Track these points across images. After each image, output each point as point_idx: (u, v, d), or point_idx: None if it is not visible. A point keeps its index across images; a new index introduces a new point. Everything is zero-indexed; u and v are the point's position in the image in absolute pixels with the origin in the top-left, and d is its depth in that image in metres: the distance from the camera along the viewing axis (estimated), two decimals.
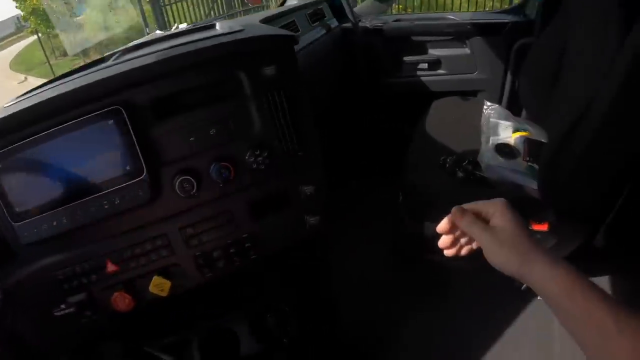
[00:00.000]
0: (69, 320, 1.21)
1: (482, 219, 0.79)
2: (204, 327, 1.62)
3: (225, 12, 9.53)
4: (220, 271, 1.33)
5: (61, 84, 1.23)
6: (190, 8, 9.23)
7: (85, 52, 15.96)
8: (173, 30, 1.73)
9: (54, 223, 1.13)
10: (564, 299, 0.66)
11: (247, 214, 1.31)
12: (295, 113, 1.23)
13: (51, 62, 17.53)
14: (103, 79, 1.11)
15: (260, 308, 1.64)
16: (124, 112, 1.10)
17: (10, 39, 48.69)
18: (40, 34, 17.20)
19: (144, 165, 1.15)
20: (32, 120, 1.08)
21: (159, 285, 1.27)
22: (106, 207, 1.15)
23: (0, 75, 20.74)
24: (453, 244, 0.86)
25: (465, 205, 0.82)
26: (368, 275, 2.04)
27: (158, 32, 1.87)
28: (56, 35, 18.41)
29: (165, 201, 1.23)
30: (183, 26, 1.82)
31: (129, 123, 1.11)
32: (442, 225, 0.84)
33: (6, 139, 1.08)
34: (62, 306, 1.22)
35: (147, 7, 10.27)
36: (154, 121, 1.17)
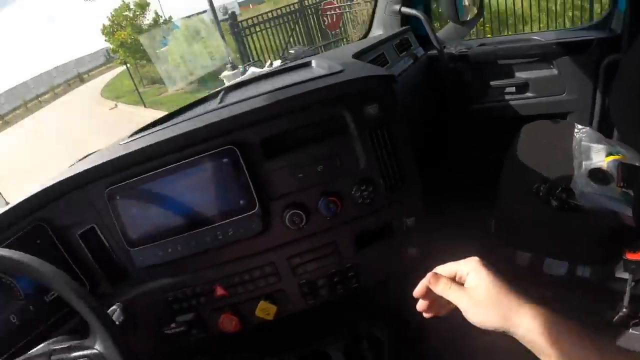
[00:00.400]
0: (178, 337, 1.29)
1: (458, 280, 0.79)
2: (300, 349, 1.65)
3: (304, 39, 9.70)
4: (323, 298, 1.36)
5: (177, 122, 1.34)
6: (270, 37, 9.43)
7: (171, 80, 16.97)
8: (267, 67, 1.83)
9: (169, 250, 1.20)
10: (552, 350, 0.66)
11: (351, 245, 1.33)
12: (397, 148, 1.25)
13: (139, 90, 18.82)
14: (218, 121, 1.19)
15: (356, 333, 1.65)
16: (237, 151, 1.17)
17: (100, 69, 52.66)
18: (128, 65, 18.38)
19: (256, 199, 1.20)
20: (153, 157, 1.19)
21: (265, 310, 1.32)
22: (220, 237, 1.21)
23: (92, 102, 22.53)
24: (431, 305, 0.84)
25: (439, 269, 0.82)
26: None
27: (254, 69, 1.99)
28: (144, 66, 19.72)
29: (275, 233, 1.27)
30: (277, 63, 1.83)
31: (242, 161, 1.18)
32: (418, 290, 0.83)
33: (127, 172, 1.19)
34: (173, 325, 1.29)
35: (228, 37, 10.75)
36: (264, 159, 1.22)
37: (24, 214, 1.22)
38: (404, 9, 2.45)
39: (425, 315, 0.86)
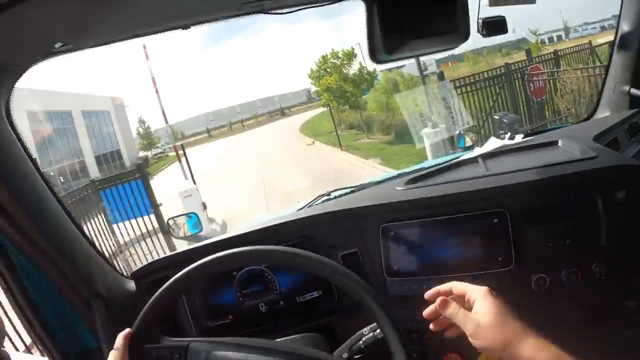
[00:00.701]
0: None
1: (467, 302, 0.87)
2: None
3: (508, 105, 9.06)
4: None
5: (443, 182, 1.52)
6: (473, 99, 8.93)
7: (369, 128, 17.24)
8: (508, 140, 1.86)
9: (423, 287, 1.18)
10: None
11: (579, 316, 1.40)
12: (638, 232, 1.32)
13: (338, 133, 19.70)
14: (493, 188, 1.39)
15: None
16: (507, 214, 1.34)
17: (300, 107, 57.18)
18: (331, 108, 19.39)
19: (513, 258, 1.34)
20: (429, 207, 1.39)
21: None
22: None
23: (291, 135, 24.31)
24: (438, 323, 0.93)
25: (453, 284, 0.91)
26: None
27: (494, 139, 1.93)
28: (343, 111, 20.64)
29: (521, 290, 1.34)
30: (519, 137, 1.87)
31: (509, 223, 1.34)
32: (428, 311, 0.92)
33: (403, 215, 1.41)
34: None
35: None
36: (524, 224, 1.35)
37: (297, 229, 1.47)
38: (634, 91, 2.28)
39: (432, 328, 0.94)
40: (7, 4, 0.72)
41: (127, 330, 0.96)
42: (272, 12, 1.19)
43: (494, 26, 1.41)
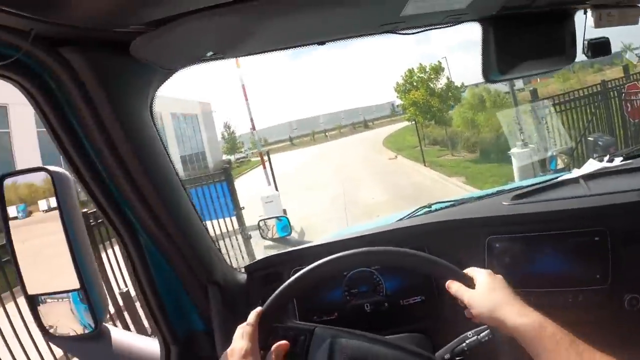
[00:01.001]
0: None
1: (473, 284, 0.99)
2: None
3: (604, 126, 8.35)
4: None
5: (546, 200, 1.57)
6: (566, 118, 8.25)
7: (453, 145, 16.78)
8: (607, 162, 1.86)
9: (531, 299, 1.17)
10: (534, 349, 0.84)
11: None
12: None
13: (418, 148, 19.38)
14: (596, 207, 1.43)
15: None
16: (608, 234, 1.37)
17: (384, 120, 57.08)
18: (417, 123, 19.09)
19: (610, 276, 1.36)
20: (535, 222, 1.45)
21: None
22: (569, 300, 1.38)
23: (374, 148, 24.26)
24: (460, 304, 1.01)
25: (468, 270, 1.04)
26: None
27: (593, 161, 1.94)
28: (428, 126, 20.26)
29: (614, 309, 1.38)
30: (618, 160, 1.87)
31: (609, 242, 1.37)
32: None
33: (509, 228, 1.46)
34: None
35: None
36: (621, 245, 1.37)
37: (404, 237, 1.53)
38: None
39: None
40: (172, 17, 0.83)
41: (259, 308, 1.02)
42: (403, 32, 1.24)
43: (599, 48, 1.41)
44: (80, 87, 0.94)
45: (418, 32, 1.27)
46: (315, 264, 1.06)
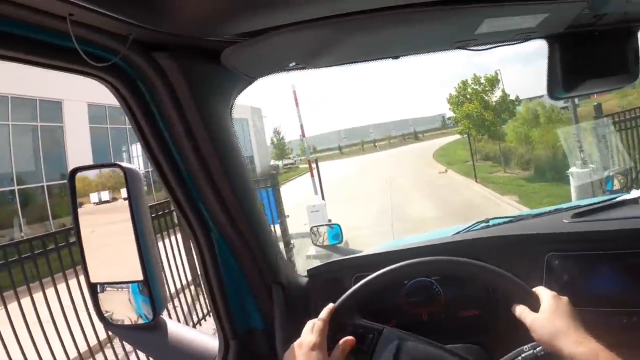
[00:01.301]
0: None
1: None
2: None
3: None
4: None
5: (620, 219, 1.51)
6: (627, 138, 7.80)
7: (506, 161, 16.22)
8: None
9: (586, 318, 1.17)
10: None
11: None
12: None
13: (469, 163, 18.89)
14: None
15: None
16: None
17: (434, 132, 56.29)
18: (469, 137, 18.40)
19: None
20: (595, 241, 1.40)
21: None
22: (624, 321, 1.31)
23: (424, 161, 23.89)
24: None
25: (535, 290, 1.04)
26: None
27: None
28: (480, 140, 19.71)
29: None
30: None
31: None
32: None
33: (570, 246, 1.41)
34: None
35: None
36: None
37: (461, 250, 1.46)
38: None
39: None
40: (263, 30, 0.89)
41: (331, 305, 1.08)
42: (473, 49, 1.26)
43: None
44: (170, 91, 0.99)
45: (487, 49, 1.28)
46: (387, 269, 1.12)
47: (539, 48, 1.26)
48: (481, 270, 1.12)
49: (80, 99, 15.97)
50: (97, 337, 4.35)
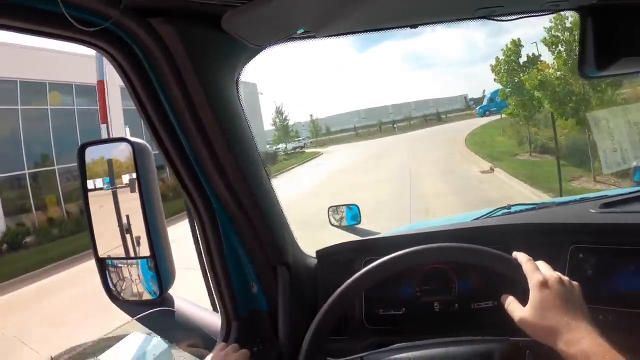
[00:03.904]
0: None
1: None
2: None
3: None
4: None
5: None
6: None
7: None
8: None
9: (599, 317, 1.21)
10: None
11: None
12: None
13: (520, 157, 13.85)
14: None
15: None
16: None
17: (458, 113, 51.56)
18: (553, 119, 12.45)
19: None
20: (624, 234, 1.31)
21: None
22: None
23: (455, 150, 18.44)
24: None
25: (525, 263, 1.00)
26: None
27: None
28: (534, 125, 14.48)
29: None
30: None
31: None
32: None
33: (596, 238, 1.33)
34: None
35: None
36: None
37: (483, 235, 1.43)
38: None
39: None
40: None
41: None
42: (497, 18, 1.16)
43: None
44: (168, 59, 0.96)
45: (514, 19, 1.18)
46: (356, 276, 1.09)
47: None
48: (457, 251, 1.10)
49: (113, 82, 14.62)
50: None
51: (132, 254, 1.24)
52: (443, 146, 20.34)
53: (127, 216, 1.21)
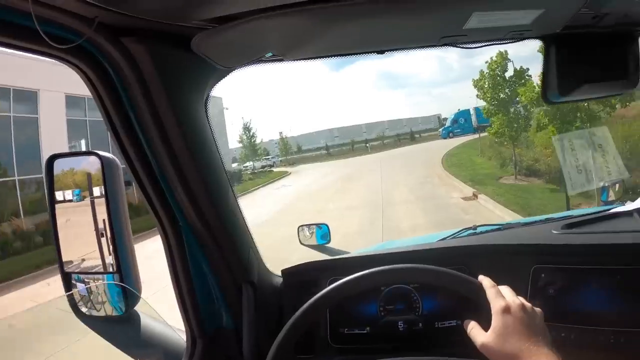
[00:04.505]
0: None
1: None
2: None
3: None
4: None
5: (611, 232, 1.50)
6: None
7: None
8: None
9: (562, 335, 1.29)
10: None
11: None
12: None
13: (505, 181, 12.58)
14: None
15: None
16: None
17: (431, 132, 51.19)
18: (502, 138, 12.39)
19: None
20: (585, 254, 1.37)
21: None
22: (611, 341, 1.27)
23: (432, 172, 16.94)
24: None
25: (489, 288, 1.02)
26: None
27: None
28: (516, 145, 13.19)
29: None
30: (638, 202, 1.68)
31: None
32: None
33: (558, 259, 1.38)
34: None
35: None
36: None
37: (446, 257, 1.46)
38: None
39: None
40: (235, 15, 0.87)
41: None
42: (464, 46, 1.20)
43: None
44: (138, 77, 0.98)
45: (480, 47, 1.23)
46: (319, 295, 1.10)
47: None
48: (423, 273, 1.11)
49: (57, 89, 16.04)
50: None
51: (98, 269, 1.19)
52: (419, 168, 18.92)
53: (99, 229, 1.15)
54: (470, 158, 18.52)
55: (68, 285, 1.21)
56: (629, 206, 1.70)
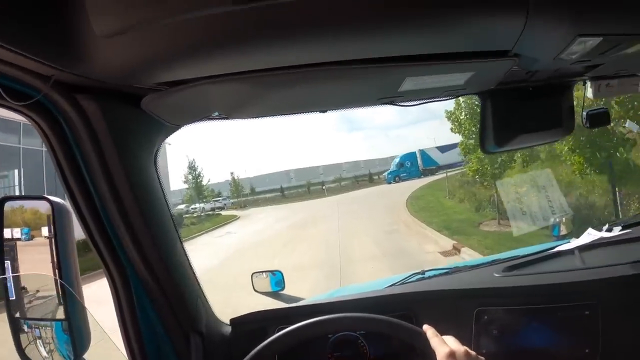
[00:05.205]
0: None
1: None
2: None
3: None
4: None
5: (550, 272, 1.58)
6: None
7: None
8: (605, 232, 1.78)
9: None
10: None
11: None
12: None
13: (487, 228, 10.76)
14: (589, 281, 1.42)
15: None
16: (599, 308, 1.36)
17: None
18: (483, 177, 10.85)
19: (600, 352, 1.34)
20: (526, 295, 1.45)
21: None
22: None
23: (398, 218, 14.72)
24: None
25: (432, 339, 1.04)
26: None
27: (592, 230, 1.85)
28: (486, 186, 11.81)
29: None
30: (617, 230, 1.78)
31: (600, 316, 1.36)
32: None
33: (499, 300, 1.45)
34: None
35: None
36: (614, 318, 1.36)
37: (393, 303, 1.52)
38: None
39: None
40: (184, 80, 0.92)
41: None
42: (401, 104, 1.25)
43: (598, 119, 1.49)
44: (91, 133, 1.01)
45: (416, 105, 1.28)
46: (275, 336, 1.14)
47: None
48: (368, 322, 1.14)
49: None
50: None
51: (47, 316, 1.18)
52: (381, 213, 16.66)
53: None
54: (439, 200, 16.67)
55: (16, 331, 1.16)
56: (573, 243, 1.79)
